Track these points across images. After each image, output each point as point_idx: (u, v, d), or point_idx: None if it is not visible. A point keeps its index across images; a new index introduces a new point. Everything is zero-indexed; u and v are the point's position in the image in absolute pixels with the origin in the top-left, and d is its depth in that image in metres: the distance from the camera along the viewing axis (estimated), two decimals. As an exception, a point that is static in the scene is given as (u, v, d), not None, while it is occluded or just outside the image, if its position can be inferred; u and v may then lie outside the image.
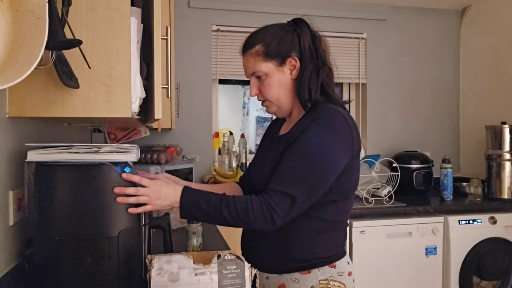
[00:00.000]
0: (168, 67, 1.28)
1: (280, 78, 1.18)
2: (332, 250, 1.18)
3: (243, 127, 3.31)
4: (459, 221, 2.52)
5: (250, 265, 1.00)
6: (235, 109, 3.32)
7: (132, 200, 1.04)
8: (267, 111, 1.28)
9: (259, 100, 1.26)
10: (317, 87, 1.16)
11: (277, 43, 1.17)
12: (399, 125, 3.25)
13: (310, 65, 1.17)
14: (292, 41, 1.18)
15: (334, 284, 1.14)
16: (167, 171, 2.40)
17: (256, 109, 3.32)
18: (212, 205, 1.07)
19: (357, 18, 3.15)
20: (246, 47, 1.21)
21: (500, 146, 2.75)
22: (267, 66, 1.17)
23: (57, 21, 0.90)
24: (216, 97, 3.06)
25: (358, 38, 3.18)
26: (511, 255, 2.57)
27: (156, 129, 2.14)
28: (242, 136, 3.08)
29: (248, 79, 1.24)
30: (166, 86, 1.24)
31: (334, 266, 1.16)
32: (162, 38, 1.15)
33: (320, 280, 1.14)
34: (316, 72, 1.17)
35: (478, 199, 2.73)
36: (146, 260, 0.99)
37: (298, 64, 1.18)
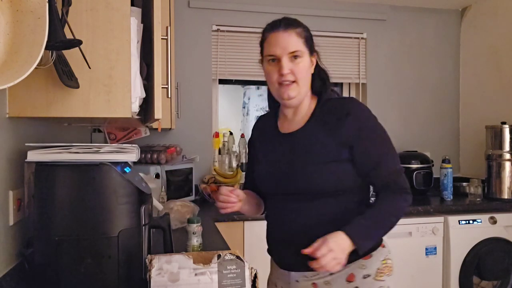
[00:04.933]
0: (168, 67, 1.29)
1: (309, 65, 1.25)
2: None
3: (243, 127, 3.31)
4: (459, 221, 2.52)
5: (249, 265, 1.00)
6: (235, 109, 3.32)
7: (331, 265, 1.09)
8: (288, 95, 1.23)
9: (287, 80, 1.22)
10: (327, 81, 1.31)
11: (311, 36, 1.27)
12: (399, 125, 3.25)
13: (319, 67, 1.31)
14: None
15: (389, 263, 1.27)
16: (167, 171, 2.41)
17: (256, 109, 3.32)
18: (379, 225, 1.19)
19: (357, 18, 3.14)
20: (291, 25, 1.23)
21: (500, 146, 2.75)
22: (305, 50, 1.23)
23: (57, 21, 0.90)
24: (216, 97, 3.06)
25: (358, 38, 3.18)
26: (511, 255, 2.57)
27: (156, 129, 2.14)
28: (242, 136, 3.08)
29: (273, 57, 1.22)
30: (166, 86, 1.24)
31: (384, 246, 1.29)
32: (162, 38, 1.15)
33: (381, 261, 1.25)
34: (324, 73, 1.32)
35: (478, 199, 2.72)
36: (146, 260, 0.98)
37: (315, 63, 1.28)
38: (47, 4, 0.82)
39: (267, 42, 1.24)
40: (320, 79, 1.30)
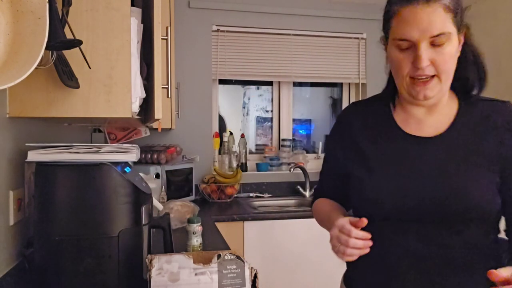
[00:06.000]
0: (168, 67, 1.29)
1: (456, 50, 0.92)
2: None
3: (243, 127, 3.31)
4: (459, 221, 2.52)
5: (249, 265, 1.00)
6: (235, 109, 3.32)
7: None
8: (424, 95, 0.92)
9: (424, 75, 0.90)
10: (482, 70, 0.99)
11: (461, 7, 0.94)
12: (399, 125, 3.25)
13: (468, 47, 0.98)
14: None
15: None
16: (167, 171, 2.41)
17: (256, 109, 3.32)
18: None
19: (357, 18, 3.14)
20: None
21: (500, 146, 2.75)
22: (453, 30, 0.90)
23: (57, 21, 0.90)
24: (216, 97, 3.06)
25: (358, 38, 3.17)
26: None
27: (156, 129, 2.14)
28: (242, 136, 3.09)
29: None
30: (166, 86, 1.25)
31: None
32: (162, 38, 1.15)
33: None
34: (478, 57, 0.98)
35: (478, 199, 2.72)
36: (146, 260, 0.99)
37: (463, 41, 0.96)
38: (47, 4, 0.82)
39: (399, 19, 0.91)
40: (473, 65, 0.97)
